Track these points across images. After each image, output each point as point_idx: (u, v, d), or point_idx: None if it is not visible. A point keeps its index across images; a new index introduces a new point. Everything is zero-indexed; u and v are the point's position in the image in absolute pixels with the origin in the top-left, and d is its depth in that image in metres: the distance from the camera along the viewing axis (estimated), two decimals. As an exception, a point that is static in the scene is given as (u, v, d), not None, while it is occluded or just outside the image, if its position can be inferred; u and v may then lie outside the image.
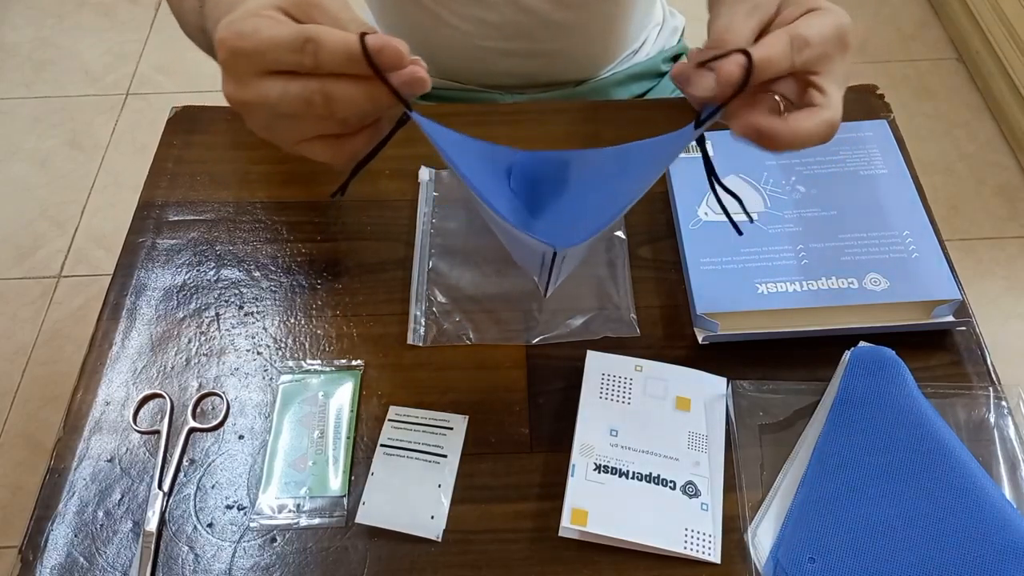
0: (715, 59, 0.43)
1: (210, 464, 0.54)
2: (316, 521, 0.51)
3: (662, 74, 0.88)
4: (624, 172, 0.48)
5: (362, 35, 0.38)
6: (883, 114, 0.71)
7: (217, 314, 0.61)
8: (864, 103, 0.72)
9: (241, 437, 0.55)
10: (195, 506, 0.52)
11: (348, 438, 0.54)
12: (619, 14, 0.79)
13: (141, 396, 0.56)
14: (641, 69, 0.86)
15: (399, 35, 0.40)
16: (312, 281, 0.62)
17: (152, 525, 0.51)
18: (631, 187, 0.46)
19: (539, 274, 0.51)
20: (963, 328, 0.58)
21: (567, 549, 0.50)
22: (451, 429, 0.54)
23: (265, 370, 0.58)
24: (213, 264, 0.64)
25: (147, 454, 0.54)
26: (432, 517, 0.51)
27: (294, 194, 0.67)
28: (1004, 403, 0.54)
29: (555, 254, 0.46)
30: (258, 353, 0.59)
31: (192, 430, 0.55)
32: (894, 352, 0.54)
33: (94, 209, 1.69)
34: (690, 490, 0.51)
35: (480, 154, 0.50)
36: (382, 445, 0.54)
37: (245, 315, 0.61)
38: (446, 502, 0.51)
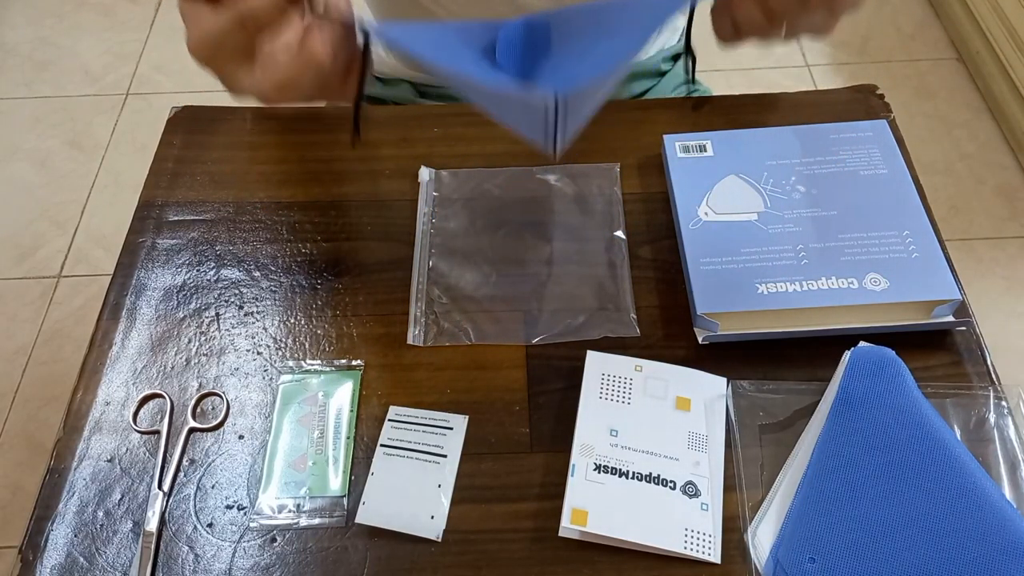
0: None
1: (210, 464, 0.54)
2: (316, 521, 0.51)
3: (662, 73, 0.88)
4: (613, 31, 0.48)
5: None
6: (883, 114, 0.71)
7: (217, 314, 0.61)
8: (864, 103, 0.72)
9: (241, 437, 0.55)
10: (195, 506, 0.52)
11: (348, 438, 0.54)
12: None
13: (141, 396, 0.57)
14: (641, 68, 0.86)
15: None
16: (312, 281, 0.62)
17: (152, 525, 0.51)
18: (630, 40, 0.47)
19: (544, 133, 0.48)
20: (963, 328, 0.58)
21: (567, 549, 0.50)
22: (451, 429, 0.54)
23: (265, 370, 0.58)
24: (213, 264, 0.64)
25: (147, 454, 0.54)
26: (432, 517, 0.51)
27: (294, 194, 0.67)
28: (1004, 403, 0.54)
29: (557, 101, 0.44)
30: (258, 353, 0.59)
31: (192, 430, 0.55)
32: (894, 352, 0.54)
33: (94, 209, 1.69)
34: (690, 490, 0.51)
35: (457, 36, 0.51)
36: (382, 445, 0.54)
37: (245, 315, 0.61)
38: (446, 502, 0.51)
